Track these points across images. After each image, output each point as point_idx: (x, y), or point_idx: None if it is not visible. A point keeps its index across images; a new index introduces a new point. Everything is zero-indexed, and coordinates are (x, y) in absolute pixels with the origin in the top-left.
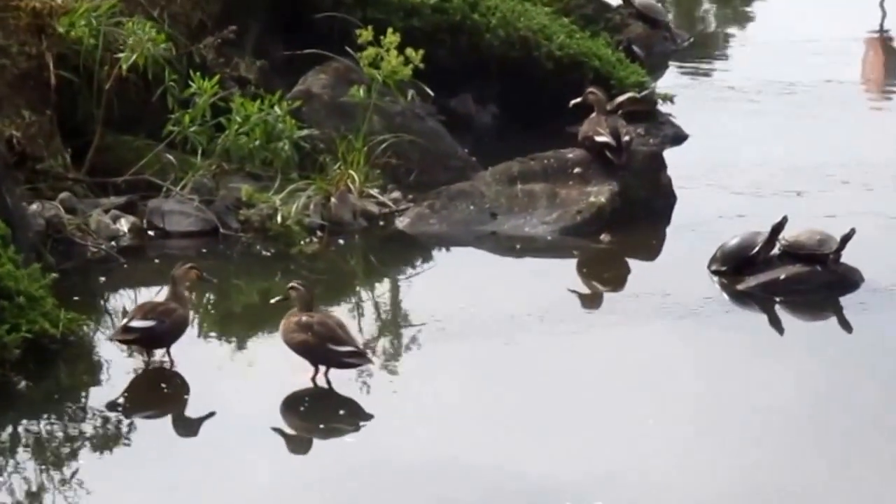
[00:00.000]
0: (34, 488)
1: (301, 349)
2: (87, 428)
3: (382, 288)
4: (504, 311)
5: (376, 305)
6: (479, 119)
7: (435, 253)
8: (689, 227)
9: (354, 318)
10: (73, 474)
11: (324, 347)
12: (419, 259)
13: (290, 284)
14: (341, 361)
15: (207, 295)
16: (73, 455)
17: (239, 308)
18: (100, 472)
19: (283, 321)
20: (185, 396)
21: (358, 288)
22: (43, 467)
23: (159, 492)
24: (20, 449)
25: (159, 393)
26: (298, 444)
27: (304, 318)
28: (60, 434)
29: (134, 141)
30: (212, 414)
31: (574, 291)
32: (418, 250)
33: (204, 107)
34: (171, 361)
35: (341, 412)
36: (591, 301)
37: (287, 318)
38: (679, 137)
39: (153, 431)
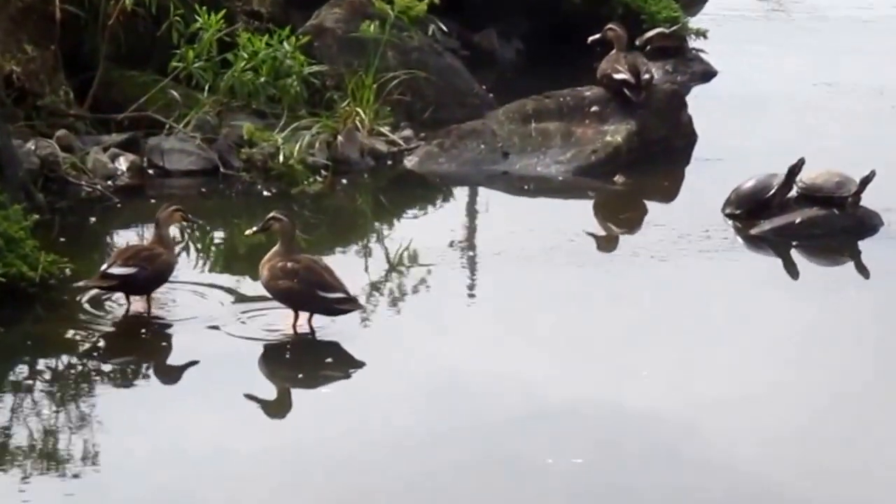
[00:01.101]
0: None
1: (285, 296)
2: (59, 375)
3: (386, 228)
4: (513, 249)
5: (379, 246)
6: (502, 55)
7: (443, 193)
8: (710, 168)
9: (358, 259)
10: (45, 422)
11: (312, 294)
12: (426, 199)
13: (271, 214)
14: (332, 308)
15: (199, 236)
16: (43, 402)
17: (228, 250)
18: (71, 419)
19: (265, 265)
20: (163, 344)
21: (361, 228)
22: (11, 414)
23: (134, 437)
24: None
25: (138, 339)
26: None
27: (288, 264)
28: (30, 382)
29: (140, 77)
30: (194, 362)
31: (590, 234)
32: (426, 190)
33: (209, 42)
34: (150, 308)
35: (328, 360)
36: (600, 241)
37: (269, 261)
38: (708, 74)
39: (130, 378)
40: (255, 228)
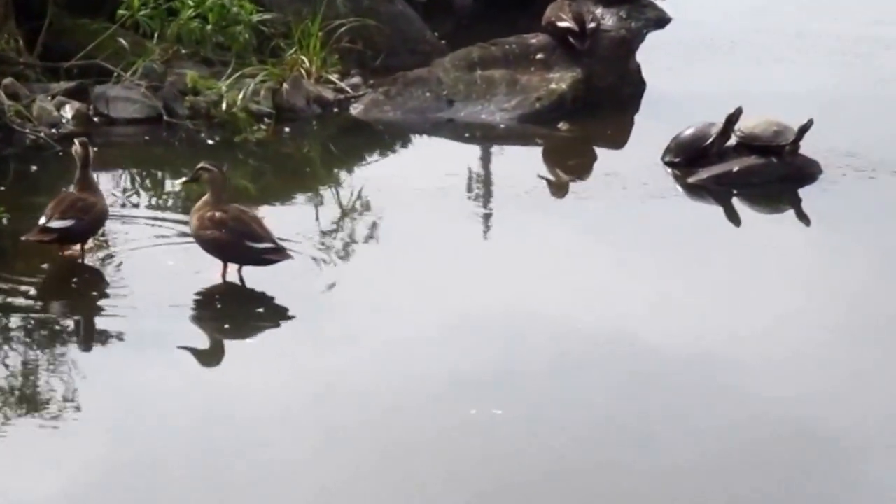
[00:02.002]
0: None
1: (213, 246)
2: None
3: (327, 174)
4: (457, 195)
5: (321, 193)
6: (459, 2)
7: (387, 140)
8: (657, 115)
9: (300, 206)
10: None
11: (240, 244)
12: (370, 146)
13: (200, 164)
14: (260, 258)
15: (129, 186)
16: None
17: (158, 199)
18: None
19: (194, 214)
20: (94, 293)
21: (303, 175)
22: None
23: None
24: None
25: (69, 287)
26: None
27: (217, 214)
28: None
29: (91, 25)
30: (123, 313)
31: (542, 177)
32: (370, 137)
33: None
34: (83, 255)
35: (259, 310)
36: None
37: (199, 210)
38: (662, 20)
39: (59, 327)
40: (185, 179)
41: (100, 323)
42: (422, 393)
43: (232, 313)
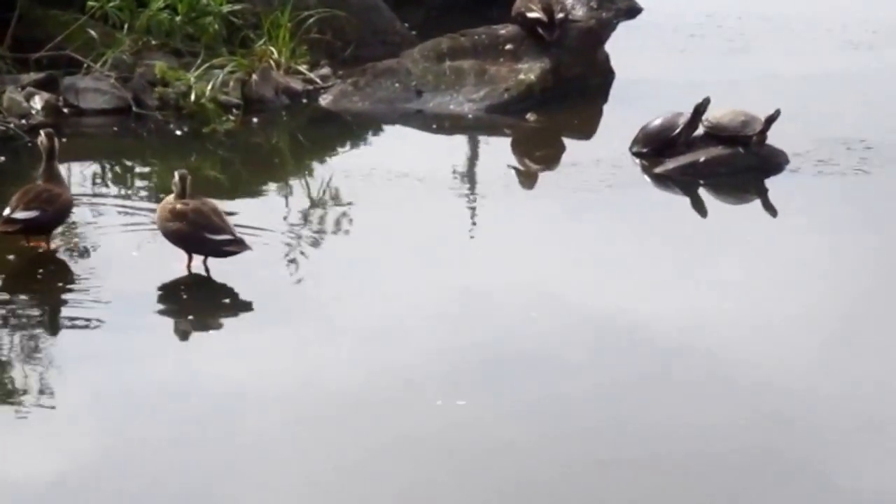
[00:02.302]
0: None
1: (175, 238)
2: None
3: (295, 165)
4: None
5: (289, 184)
6: None
7: (356, 131)
8: (624, 106)
9: (262, 198)
10: None
11: (200, 236)
12: (338, 137)
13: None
14: (219, 250)
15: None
16: None
17: (127, 189)
18: None
19: (159, 207)
20: (60, 284)
21: (271, 166)
22: None
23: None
24: None
25: (34, 279)
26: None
27: (178, 206)
28: None
29: (62, 15)
30: (90, 304)
31: (510, 167)
32: (338, 128)
33: None
34: (48, 245)
35: (225, 300)
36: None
37: (163, 203)
38: (633, 10)
39: (25, 319)
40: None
41: (65, 314)
42: (393, 383)
43: (198, 304)
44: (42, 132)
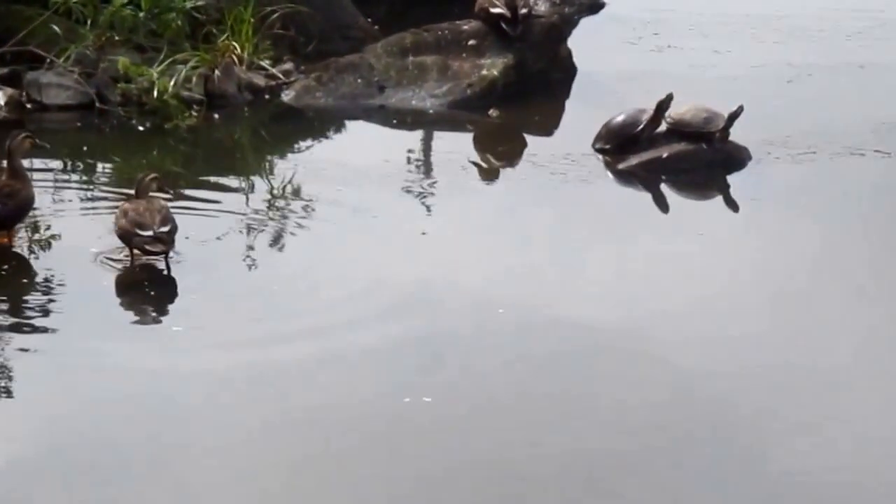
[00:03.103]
0: None
1: (119, 234)
2: None
3: (256, 161)
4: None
5: (250, 179)
6: None
7: (318, 127)
8: (586, 101)
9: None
10: None
11: (132, 233)
12: (300, 133)
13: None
14: (143, 247)
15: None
16: None
17: (89, 184)
18: None
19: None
20: (24, 280)
21: (233, 162)
22: None
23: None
24: None
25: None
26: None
27: (126, 205)
28: None
29: (26, 11)
30: (56, 297)
31: (472, 163)
32: (301, 124)
33: None
34: (10, 241)
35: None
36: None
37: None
38: (596, 6)
39: None
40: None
41: (28, 309)
42: (352, 377)
43: (160, 299)
44: (23, 135)
